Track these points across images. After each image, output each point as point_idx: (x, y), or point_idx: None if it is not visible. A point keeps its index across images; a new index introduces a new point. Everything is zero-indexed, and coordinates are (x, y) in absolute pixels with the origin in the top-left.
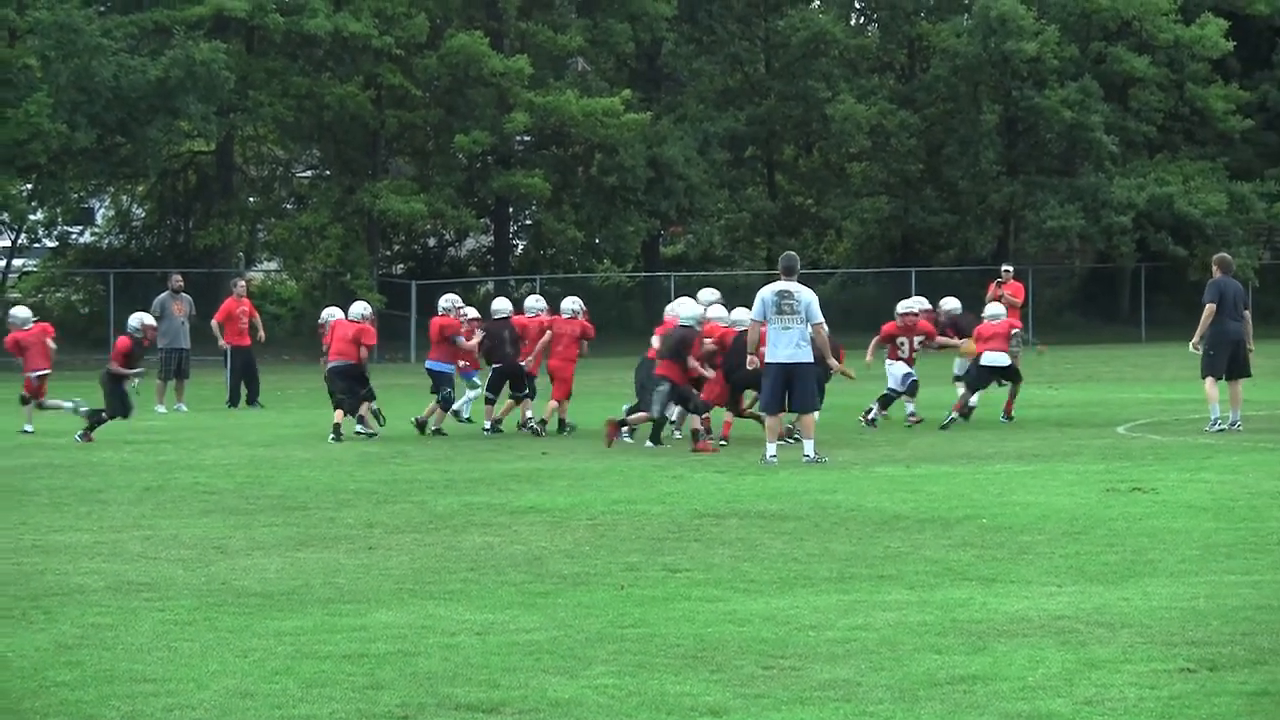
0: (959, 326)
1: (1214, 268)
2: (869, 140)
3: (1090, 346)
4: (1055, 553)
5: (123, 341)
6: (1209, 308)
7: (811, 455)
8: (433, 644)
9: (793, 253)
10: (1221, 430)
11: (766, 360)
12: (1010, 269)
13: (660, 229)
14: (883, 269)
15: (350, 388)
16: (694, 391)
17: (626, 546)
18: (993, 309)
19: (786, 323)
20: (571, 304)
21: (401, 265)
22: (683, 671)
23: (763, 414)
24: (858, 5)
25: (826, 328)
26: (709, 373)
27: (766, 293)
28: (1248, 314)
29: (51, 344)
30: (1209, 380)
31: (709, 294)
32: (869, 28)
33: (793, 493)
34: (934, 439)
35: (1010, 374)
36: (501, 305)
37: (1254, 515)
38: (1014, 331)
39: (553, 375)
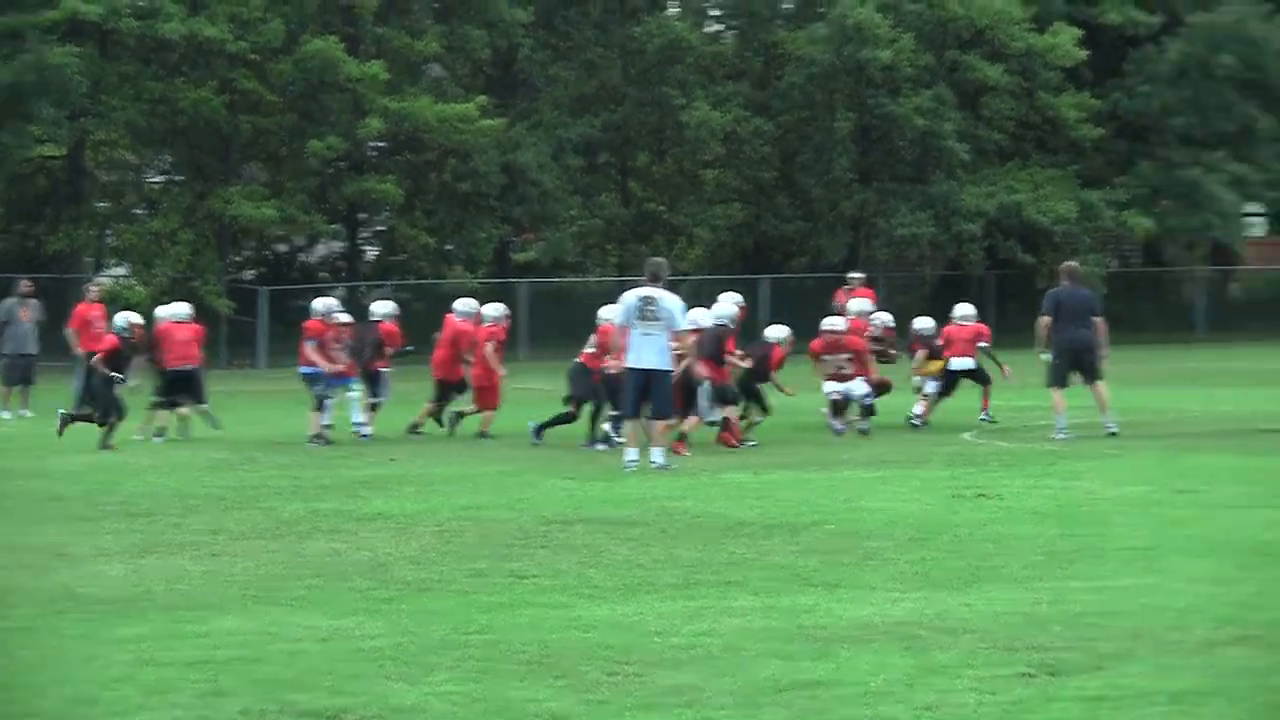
0: (931, 347)
1: (1060, 277)
2: (723, 147)
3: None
4: (900, 559)
5: (110, 340)
6: (1043, 319)
7: (660, 462)
8: (276, 650)
9: (660, 259)
10: (1065, 438)
11: (627, 365)
12: (859, 276)
13: (513, 235)
14: (735, 276)
15: (194, 391)
16: (732, 388)
17: (473, 553)
18: (962, 309)
19: (648, 329)
20: (489, 308)
21: (252, 271)
22: (527, 678)
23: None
24: (714, 13)
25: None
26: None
27: (631, 298)
28: (1099, 321)
29: None
30: (1055, 389)
31: (730, 297)
32: (725, 35)
33: (640, 499)
34: (786, 447)
35: (977, 376)
36: (378, 308)
37: (1096, 521)
38: (980, 344)
39: (477, 385)
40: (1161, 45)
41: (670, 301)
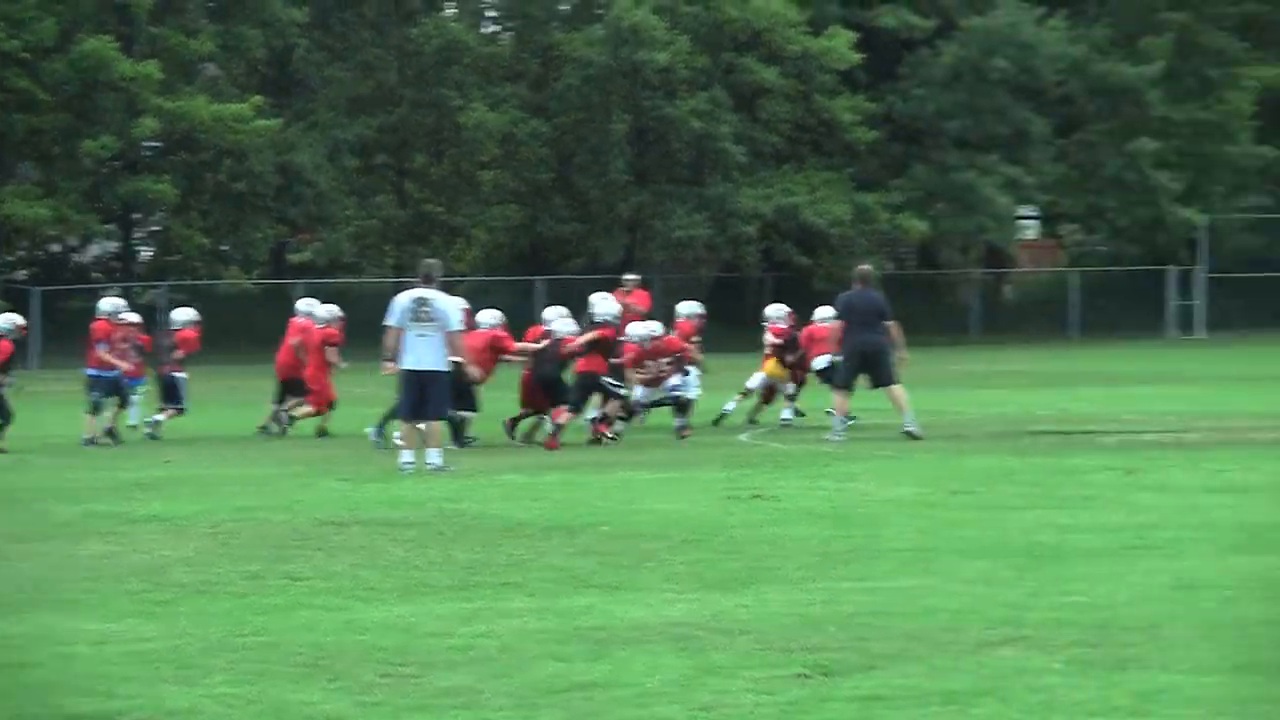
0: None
1: (854, 280)
2: (500, 148)
3: (715, 355)
4: (676, 560)
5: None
6: (835, 323)
7: (437, 463)
8: (47, 654)
9: (433, 260)
10: (841, 440)
11: (403, 367)
12: (635, 277)
13: (289, 236)
14: (512, 277)
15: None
16: (610, 382)
17: (248, 555)
18: (822, 311)
19: (422, 330)
20: (320, 309)
21: (24, 271)
22: (302, 680)
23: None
24: (491, 14)
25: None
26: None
27: (404, 299)
28: (892, 324)
29: None
30: (839, 390)
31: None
32: (502, 36)
33: (416, 501)
34: (565, 449)
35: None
36: (178, 315)
37: (870, 522)
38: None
39: (312, 384)
40: (936, 49)
41: (444, 302)
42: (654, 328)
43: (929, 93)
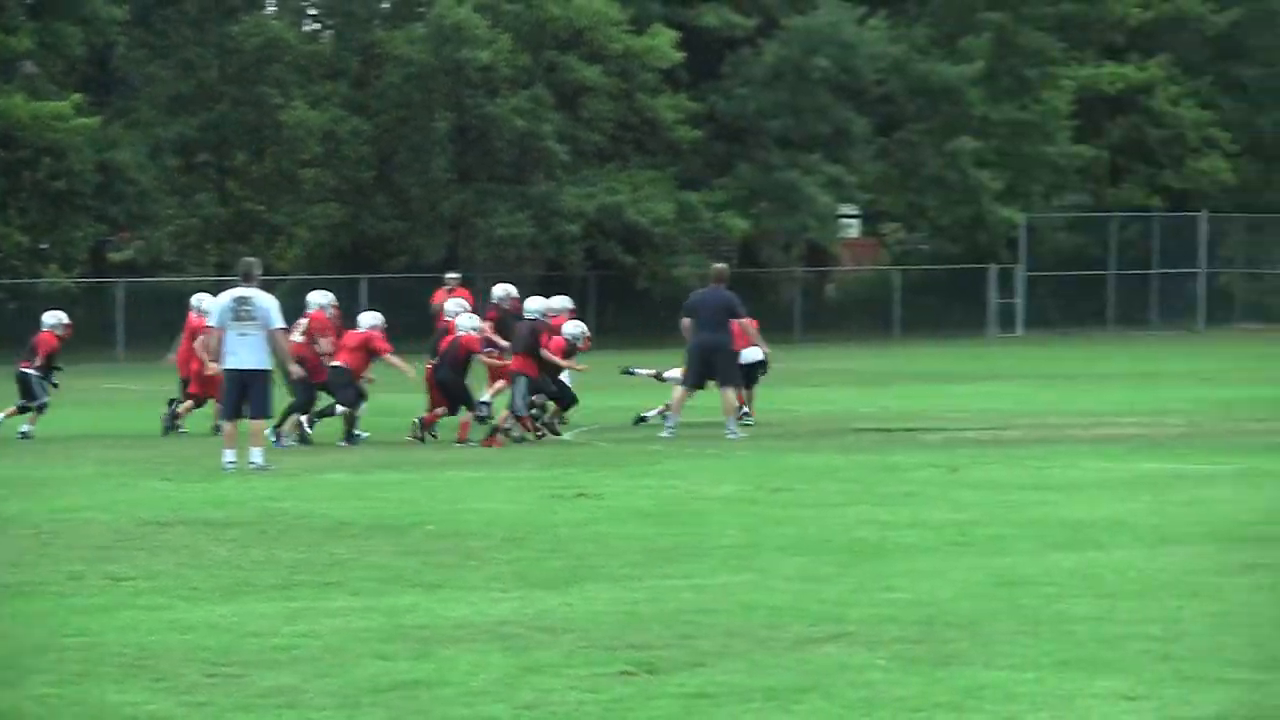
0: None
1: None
2: (321, 146)
3: None
4: (500, 559)
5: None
6: (684, 321)
7: (259, 463)
8: None
9: (251, 259)
10: (670, 438)
11: (225, 367)
12: (457, 276)
13: (109, 234)
14: (334, 275)
15: None
16: (550, 382)
17: (69, 555)
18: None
19: (244, 329)
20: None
21: None
22: (124, 680)
23: (220, 420)
24: (312, 12)
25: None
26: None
27: (225, 299)
28: (746, 321)
29: None
30: (683, 388)
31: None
32: (323, 35)
33: (239, 500)
34: (390, 448)
35: (759, 369)
36: (48, 318)
37: (695, 520)
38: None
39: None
40: (758, 48)
41: (264, 300)
42: (583, 327)
43: (751, 92)
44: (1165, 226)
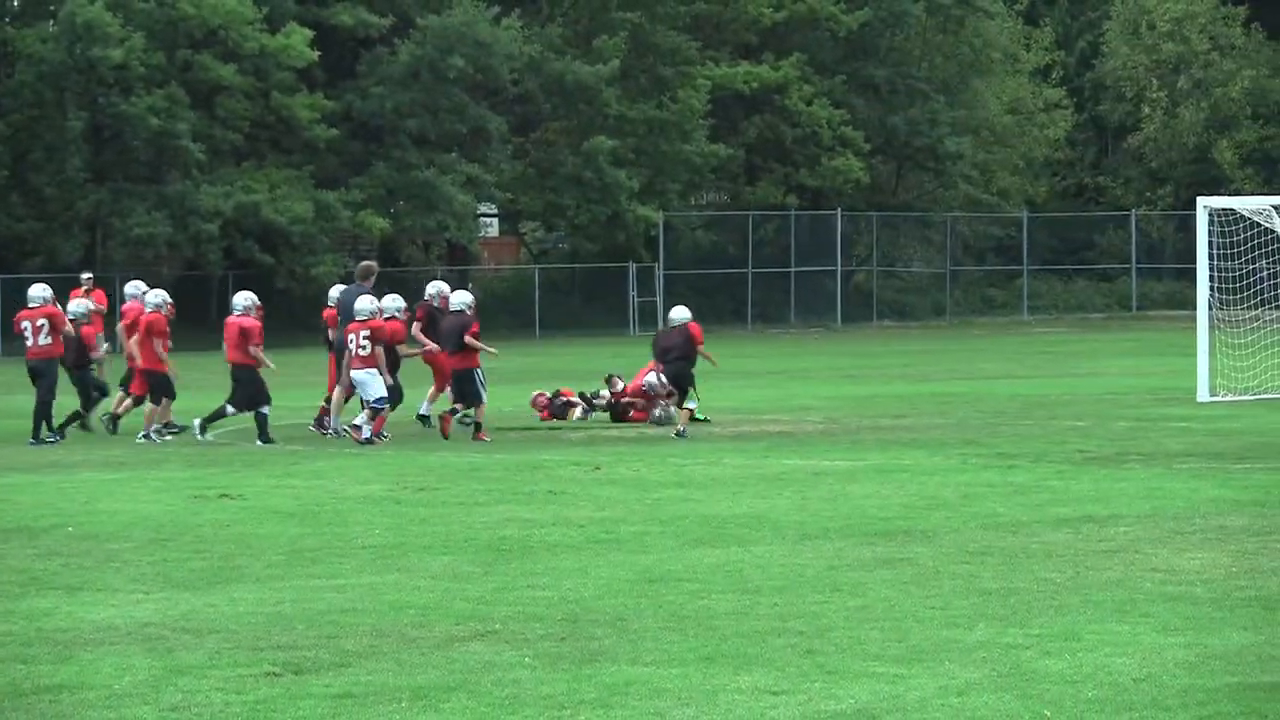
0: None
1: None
2: None
3: (180, 354)
4: (142, 560)
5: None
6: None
7: None
8: None
9: None
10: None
11: None
12: (91, 276)
13: None
14: None
15: None
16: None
17: None
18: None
19: None
20: (153, 295)
21: None
22: None
23: None
24: None
25: None
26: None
27: None
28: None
29: None
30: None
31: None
32: None
33: None
34: (23, 451)
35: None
36: None
37: (338, 520)
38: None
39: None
40: (393, 47)
41: None
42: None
43: (387, 90)
44: (802, 225)
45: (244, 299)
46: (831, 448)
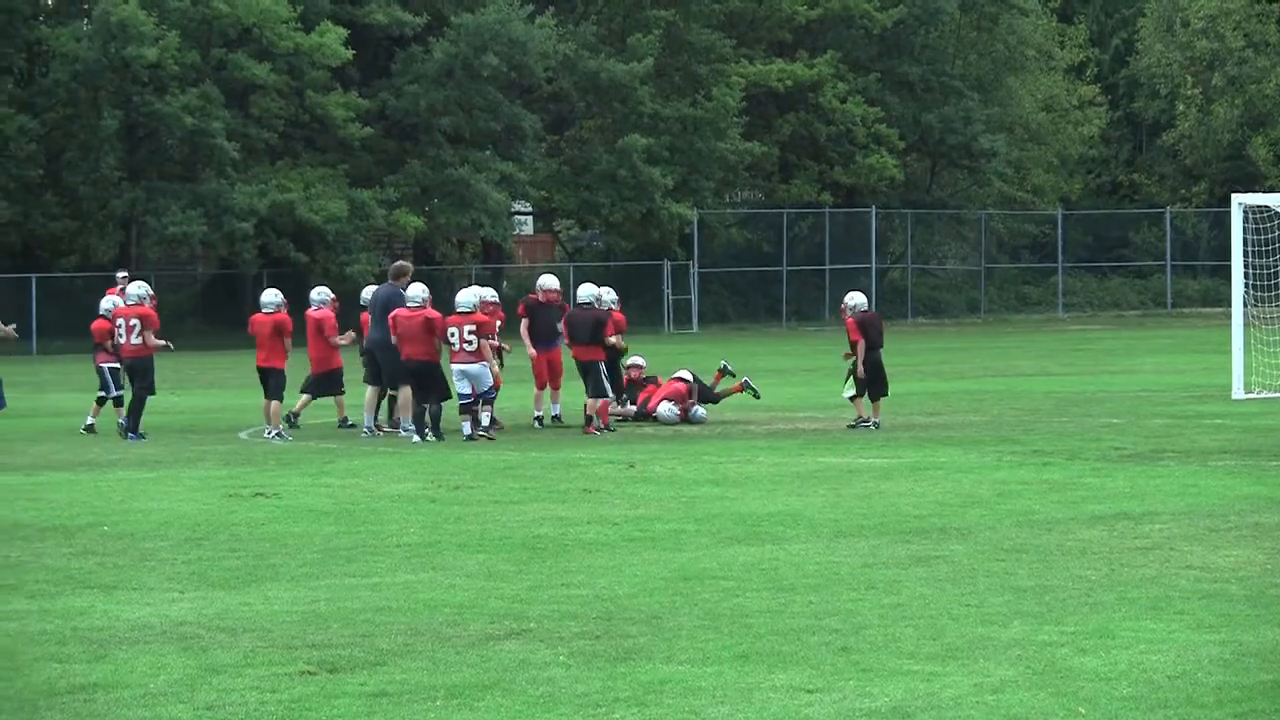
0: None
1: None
2: None
3: (214, 352)
4: (177, 559)
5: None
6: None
7: None
8: None
9: None
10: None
11: None
12: (126, 274)
13: None
14: (3, 275)
15: None
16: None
17: None
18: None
19: None
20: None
21: None
22: None
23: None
24: None
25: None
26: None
27: None
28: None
29: None
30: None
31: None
32: None
33: None
34: (59, 445)
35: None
36: None
37: (373, 518)
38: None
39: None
40: (427, 45)
41: None
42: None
43: (421, 89)
44: (836, 222)
45: (318, 294)
46: (865, 445)
